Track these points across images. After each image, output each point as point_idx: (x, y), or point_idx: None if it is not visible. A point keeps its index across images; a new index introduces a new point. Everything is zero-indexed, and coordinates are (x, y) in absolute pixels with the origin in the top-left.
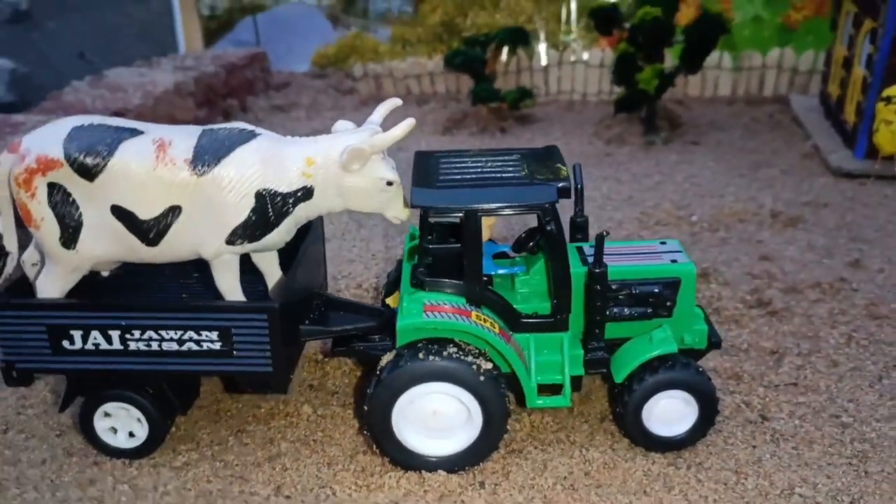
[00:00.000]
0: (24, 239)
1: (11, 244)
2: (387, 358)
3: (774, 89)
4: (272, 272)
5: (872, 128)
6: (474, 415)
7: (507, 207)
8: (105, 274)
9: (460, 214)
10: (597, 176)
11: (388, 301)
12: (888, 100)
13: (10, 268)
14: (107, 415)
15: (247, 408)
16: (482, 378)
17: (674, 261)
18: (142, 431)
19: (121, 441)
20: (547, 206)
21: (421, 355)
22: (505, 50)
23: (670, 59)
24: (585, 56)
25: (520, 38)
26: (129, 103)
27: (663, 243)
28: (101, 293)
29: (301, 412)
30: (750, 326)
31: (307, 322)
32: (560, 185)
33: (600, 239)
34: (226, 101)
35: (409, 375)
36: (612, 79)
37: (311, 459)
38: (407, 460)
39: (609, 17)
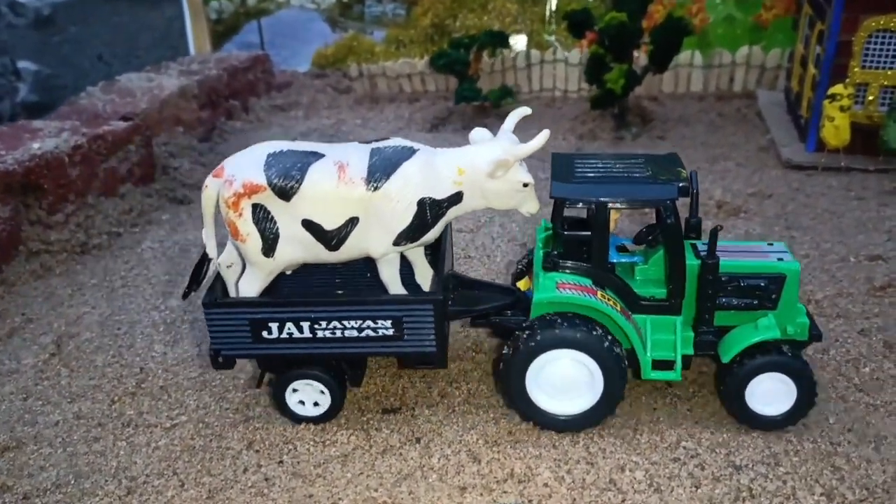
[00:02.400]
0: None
1: (212, 251)
2: (523, 328)
3: (744, 85)
4: (419, 262)
5: (820, 123)
6: (596, 380)
7: (632, 201)
8: (288, 273)
9: (591, 205)
10: None
11: (519, 284)
12: (832, 97)
13: (211, 271)
14: (294, 390)
15: (227, 379)
16: (606, 348)
17: (780, 259)
18: (325, 401)
19: (307, 410)
20: (668, 201)
21: (554, 326)
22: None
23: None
24: (565, 55)
25: (500, 41)
26: (138, 107)
27: (770, 244)
28: (277, 290)
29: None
30: None
31: (450, 304)
32: (680, 184)
33: (714, 232)
34: (228, 103)
35: (543, 342)
36: (584, 78)
37: (278, 422)
38: (535, 417)
39: (581, 21)
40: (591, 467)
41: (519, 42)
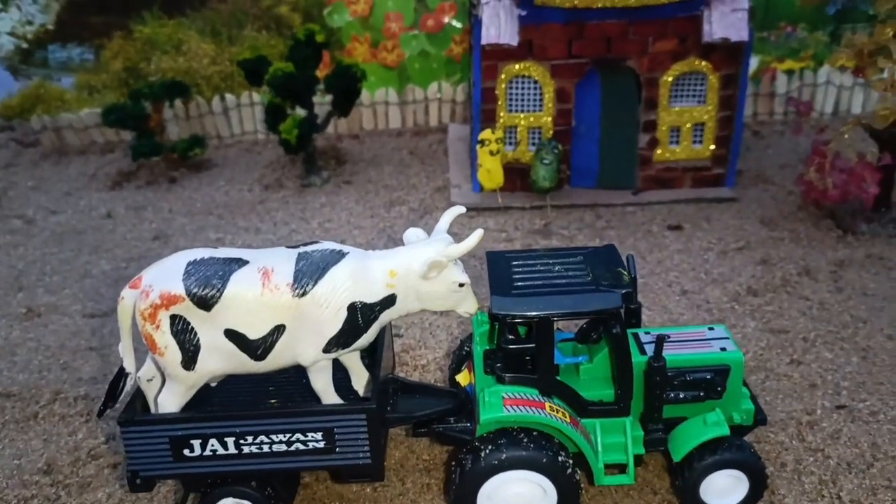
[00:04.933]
0: (139, 359)
1: (130, 366)
2: (468, 449)
3: (439, 119)
4: (355, 366)
5: (477, 166)
6: (549, 495)
7: (576, 314)
8: (213, 384)
9: (532, 319)
10: (240, 227)
11: (458, 378)
12: (482, 143)
13: (129, 386)
14: None
15: None
16: (559, 465)
17: (723, 349)
18: None
19: None
20: (613, 311)
21: (502, 447)
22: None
23: None
24: (263, 98)
25: (178, 91)
26: None
27: (711, 329)
28: (206, 401)
29: None
30: None
31: (389, 410)
32: (623, 291)
33: (660, 340)
34: None
35: (493, 464)
36: (265, 127)
37: None
38: None
39: (256, 69)
40: None
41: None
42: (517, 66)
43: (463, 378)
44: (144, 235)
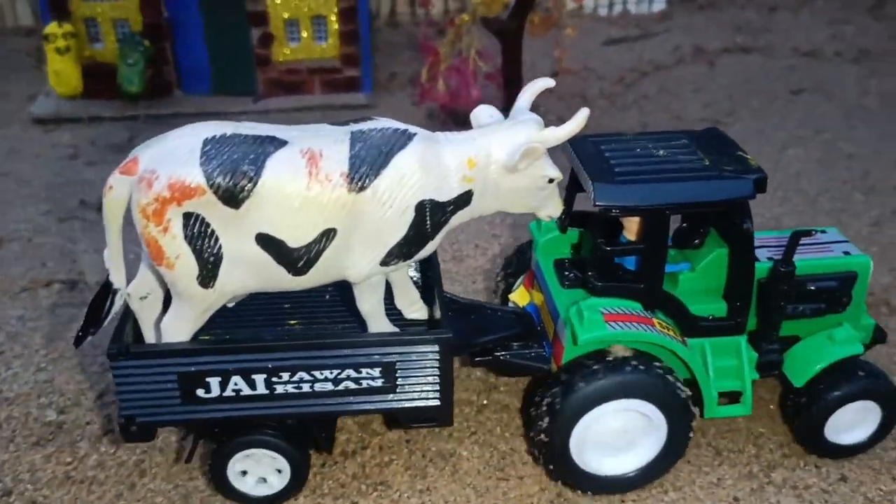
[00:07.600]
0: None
1: (119, 280)
2: (557, 378)
3: None
4: (402, 281)
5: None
6: (658, 427)
7: (700, 204)
8: (231, 305)
9: (649, 213)
10: None
11: (513, 298)
12: (47, 38)
13: (118, 305)
14: (244, 472)
15: None
16: (671, 390)
17: (846, 252)
18: (282, 477)
19: (257, 488)
20: (744, 201)
21: (601, 371)
22: None
23: None
24: None
25: None
26: None
27: (823, 231)
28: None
29: None
30: None
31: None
32: (755, 177)
33: (796, 237)
34: None
35: (593, 394)
36: None
37: None
38: (588, 484)
39: None
40: None
41: None
42: None
43: (519, 297)
44: None
